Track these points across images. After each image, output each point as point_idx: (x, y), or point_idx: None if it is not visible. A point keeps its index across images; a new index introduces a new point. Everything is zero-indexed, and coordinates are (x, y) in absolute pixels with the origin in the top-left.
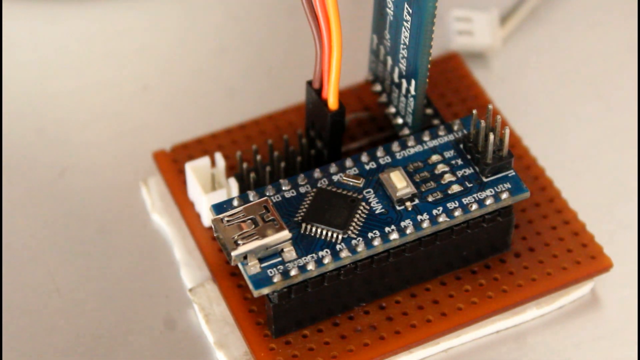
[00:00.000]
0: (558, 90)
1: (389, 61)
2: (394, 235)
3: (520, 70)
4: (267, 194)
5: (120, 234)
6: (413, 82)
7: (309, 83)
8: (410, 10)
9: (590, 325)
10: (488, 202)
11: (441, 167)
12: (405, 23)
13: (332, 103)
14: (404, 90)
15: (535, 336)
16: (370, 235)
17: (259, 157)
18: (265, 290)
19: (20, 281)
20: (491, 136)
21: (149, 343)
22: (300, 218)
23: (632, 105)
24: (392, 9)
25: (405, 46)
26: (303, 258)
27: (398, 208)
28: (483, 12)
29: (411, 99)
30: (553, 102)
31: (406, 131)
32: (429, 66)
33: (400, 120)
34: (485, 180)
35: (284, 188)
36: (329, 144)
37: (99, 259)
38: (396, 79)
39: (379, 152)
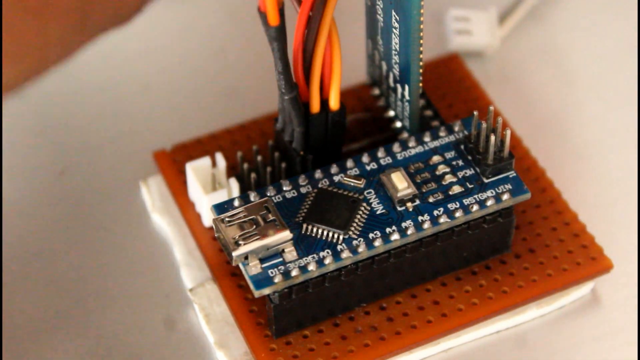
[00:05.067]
0: (557, 91)
1: (384, 66)
2: (395, 236)
3: (518, 70)
4: (268, 194)
5: (121, 234)
6: (407, 87)
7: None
8: (398, 18)
9: (590, 325)
10: (489, 202)
11: (442, 168)
12: (394, 30)
13: (334, 103)
14: (399, 95)
15: (536, 336)
16: (371, 235)
17: (259, 158)
18: (266, 291)
19: (20, 281)
20: (492, 137)
21: (149, 343)
22: (301, 218)
23: (632, 105)
24: (381, 15)
25: (396, 52)
26: (304, 258)
27: (399, 209)
28: (481, 12)
29: (406, 104)
30: (552, 102)
31: (405, 135)
32: (421, 71)
33: (399, 124)
34: (486, 181)
35: (285, 188)
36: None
37: (99, 259)
38: (392, 84)
39: (380, 153)
